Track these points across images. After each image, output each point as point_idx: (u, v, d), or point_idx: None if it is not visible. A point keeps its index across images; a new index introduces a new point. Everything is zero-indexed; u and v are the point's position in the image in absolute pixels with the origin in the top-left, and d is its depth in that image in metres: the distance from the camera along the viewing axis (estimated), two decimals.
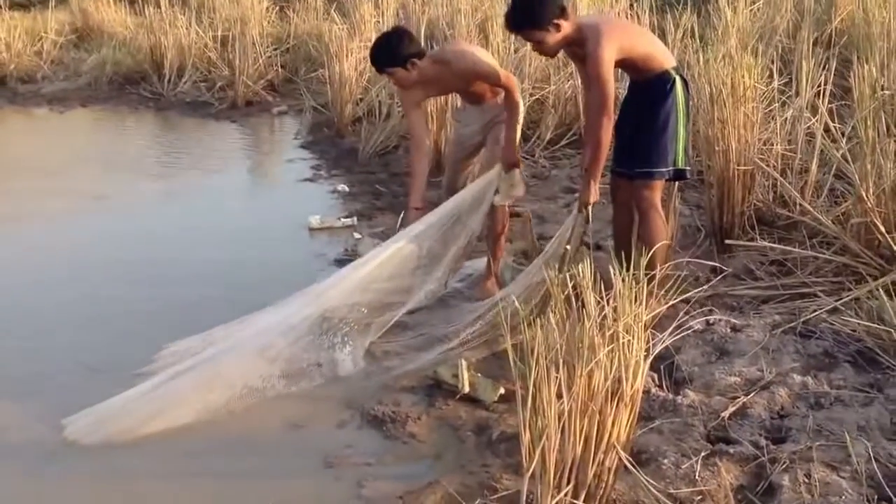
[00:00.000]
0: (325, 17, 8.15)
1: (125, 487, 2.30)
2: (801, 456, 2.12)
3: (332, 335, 2.86)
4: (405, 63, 3.16)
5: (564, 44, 2.95)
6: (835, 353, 2.66)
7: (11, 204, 4.94)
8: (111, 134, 7.23)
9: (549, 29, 2.87)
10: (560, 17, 2.86)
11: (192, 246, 4.19)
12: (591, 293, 1.91)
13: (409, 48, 3.18)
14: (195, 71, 8.20)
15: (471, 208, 3.24)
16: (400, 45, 3.18)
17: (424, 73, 3.21)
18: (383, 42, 3.26)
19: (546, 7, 2.85)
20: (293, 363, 2.75)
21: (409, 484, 2.22)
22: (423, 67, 3.19)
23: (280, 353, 2.73)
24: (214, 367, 2.66)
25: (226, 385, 2.61)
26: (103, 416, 2.51)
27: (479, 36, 6.15)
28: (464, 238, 3.24)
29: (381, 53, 3.23)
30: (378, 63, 3.27)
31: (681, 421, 2.34)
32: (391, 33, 3.34)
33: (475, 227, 3.28)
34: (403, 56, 3.16)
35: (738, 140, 3.50)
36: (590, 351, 1.83)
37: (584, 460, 1.87)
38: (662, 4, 6.76)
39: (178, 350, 2.86)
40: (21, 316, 3.38)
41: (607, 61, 2.83)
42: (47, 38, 9.31)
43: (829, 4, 6.07)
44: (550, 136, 5.43)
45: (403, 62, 3.16)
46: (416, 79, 3.22)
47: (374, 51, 3.28)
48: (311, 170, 5.65)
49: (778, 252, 3.34)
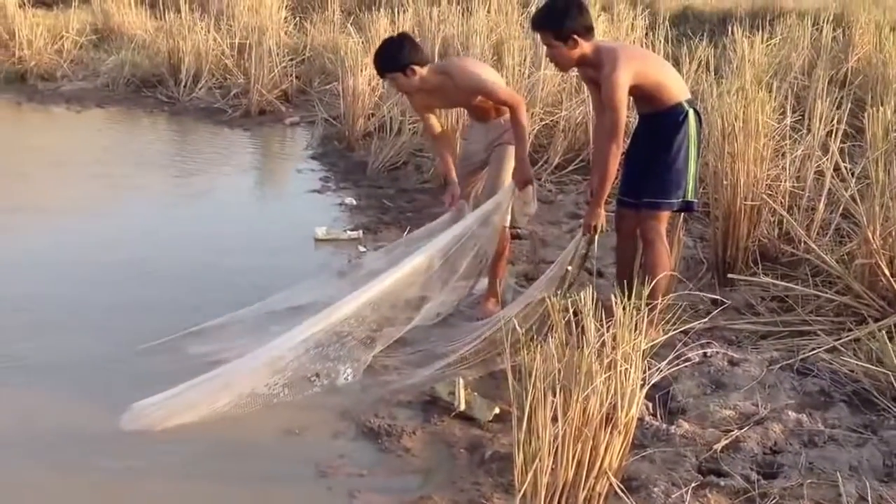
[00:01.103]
0: (342, 30, 8.25)
1: (119, 488, 2.31)
2: (792, 493, 2.13)
3: (337, 347, 2.89)
4: (405, 69, 3.22)
5: (579, 62, 2.99)
6: (831, 393, 2.66)
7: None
8: (124, 136, 7.28)
9: (567, 41, 2.91)
10: (581, 35, 2.90)
11: (199, 250, 4.22)
12: (591, 320, 1.93)
13: (410, 55, 3.23)
14: (211, 77, 8.28)
15: (480, 227, 3.27)
16: (401, 51, 3.24)
17: (427, 81, 3.26)
18: (385, 47, 3.33)
19: (570, 20, 2.90)
20: (298, 373, 2.77)
21: (401, 497, 2.24)
22: (425, 76, 3.25)
23: (288, 364, 2.75)
24: (226, 377, 2.69)
25: (233, 392, 2.64)
26: (136, 413, 2.57)
27: (493, 57, 6.21)
28: (472, 256, 3.26)
29: (383, 58, 3.30)
30: (379, 67, 3.35)
31: (673, 451, 2.35)
32: (394, 39, 3.40)
33: (486, 246, 3.29)
34: (404, 62, 3.21)
35: (747, 175, 3.53)
36: (587, 377, 1.85)
37: (575, 484, 1.89)
38: (678, 35, 6.82)
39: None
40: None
41: (622, 86, 2.86)
42: (68, 38, 9.42)
43: (846, 44, 6.12)
44: (558, 161, 5.46)
45: (403, 68, 3.22)
46: (417, 85, 3.27)
47: (376, 55, 3.37)
48: (320, 181, 5.69)
49: (780, 288, 3.35)
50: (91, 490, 2.31)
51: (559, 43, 2.93)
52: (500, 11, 8.00)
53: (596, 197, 3.02)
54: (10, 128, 7.72)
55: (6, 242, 4.29)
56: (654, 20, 7.10)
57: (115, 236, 4.40)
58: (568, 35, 2.90)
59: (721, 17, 9.64)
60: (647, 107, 3.08)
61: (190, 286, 3.72)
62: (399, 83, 3.29)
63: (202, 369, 2.70)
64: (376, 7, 8.56)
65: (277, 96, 7.90)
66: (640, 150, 3.12)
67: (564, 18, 2.90)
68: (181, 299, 3.54)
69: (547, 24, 2.96)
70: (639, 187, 3.07)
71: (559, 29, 2.91)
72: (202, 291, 3.62)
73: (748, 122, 3.52)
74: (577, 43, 2.90)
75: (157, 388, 2.62)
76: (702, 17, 9.96)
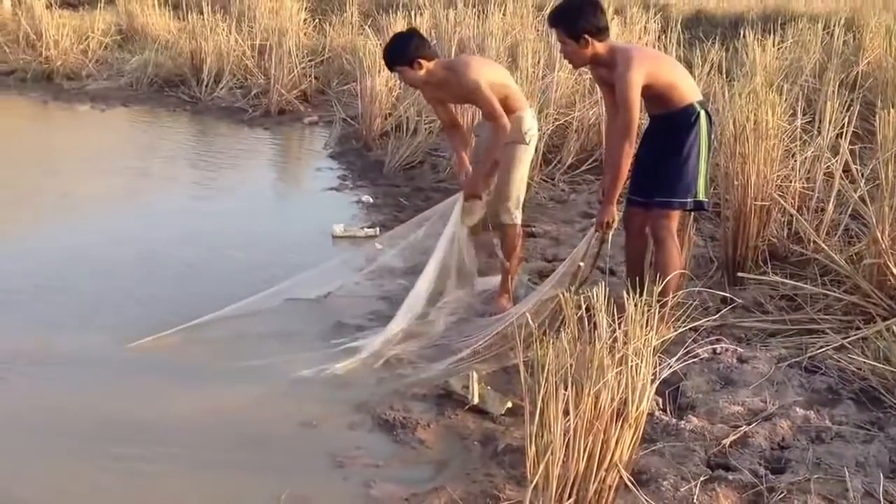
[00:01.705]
0: (360, 32, 8.32)
1: (137, 477, 2.36)
2: (799, 487, 2.16)
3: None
4: (412, 63, 3.30)
5: (591, 61, 3.05)
6: (838, 390, 2.70)
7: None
8: (148, 134, 7.40)
9: (579, 40, 2.97)
10: (593, 36, 2.95)
11: (219, 245, 4.30)
12: (603, 315, 1.96)
13: (417, 49, 3.32)
14: (232, 77, 8.39)
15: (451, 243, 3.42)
16: (408, 45, 3.33)
17: (433, 75, 3.35)
18: (394, 41, 3.43)
19: (583, 20, 2.95)
20: None
21: (415, 487, 2.29)
22: (431, 69, 3.33)
23: None
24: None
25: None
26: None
27: (508, 59, 6.26)
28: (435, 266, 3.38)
29: (391, 51, 3.40)
30: (387, 60, 3.44)
31: (682, 445, 2.38)
32: (402, 34, 3.53)
33: (442, 256, 3.40)
34: (411, 56, 3.30)
35: (757, 175, 3.55)
36: (598, 371, 1.88)
37: (586, 477, 1.91)
38: (690, 38, 6.84)
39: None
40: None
41: (635, 86, 2.91)
42: (94, 38, 9.58)
43: (856, 48, 6.11)
44: (571, 161, 5.52)
45: (410, 62, 3.30)
46: (423, 78, 3.36)
47: (385, 49, 3.48)
48: (338, 179, 5.78)
49: (789, 287, 3.38)
50: (110, 479, 2.35)
51: (572, 41, 2.98)
52: (516, 14, 8.05)
53: (608, 195, 3.07)
54: (37, 125, 7.87)
55: (40, 235, 4.42)
56: (666, 23, 7.12)
57: (137, 230, 4.50)
58: (580, 34, 2.95)
59: (733, 21, 9.62)
60: (659, 107, 3.11)
61: (210, 280, 3.82)
62: (406, 76, 3.38)
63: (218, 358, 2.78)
64: (394, 9, 8.62)
65: (297, 96, 7.99)
66: (651, 150, 3.16)
67: (578, 18, 2.96)
68: (201, 292, 3.63)
69: (561, 22, 3.02)
70: (649, 187, 3.10)
71: (572, 28, 2.97)
72: (221, 285, 3.71)
73: (759, 124, 3.54)
74: (588, 42, 2.95)
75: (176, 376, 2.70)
76: (714, 21, 9.93)
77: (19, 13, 9.92)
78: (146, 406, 2.72)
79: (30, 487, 2.30)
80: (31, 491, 2.28)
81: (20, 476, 2.35)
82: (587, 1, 2.99)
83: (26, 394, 2.80)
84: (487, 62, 3.81)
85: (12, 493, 2.26)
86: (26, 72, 9.28)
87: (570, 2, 3.03)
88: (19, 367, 2.95)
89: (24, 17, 9.64)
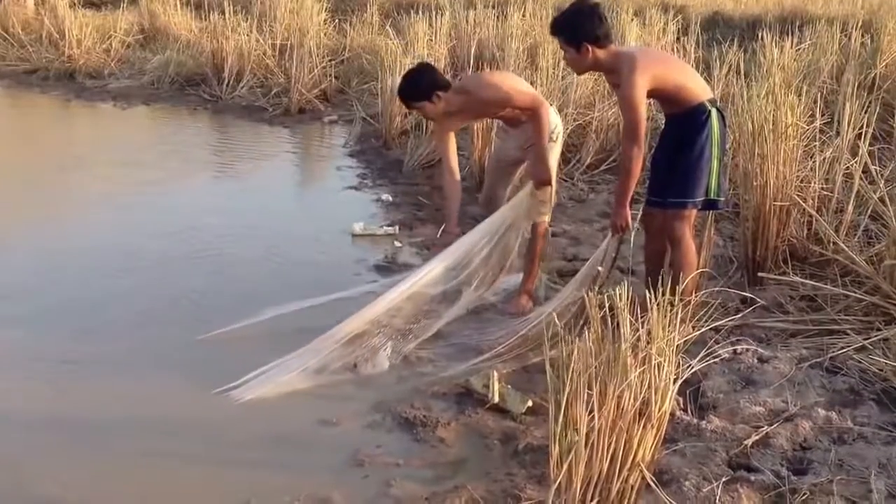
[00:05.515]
0: (380, 32, 8.36)
1: (155, 473, 2.38)
2: (822, 489, 2.16)
3: (374, 337, 3.01)
4: (430, 97, 3.31)
5: (594, 67, 3.07)
6: (860, 391, 2.69)
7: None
8: (169, 132, 7.47)
9: (579, 49, 2.99)
10: (593, 44, 2.97)
11: (240, 243, 4.35)
12: (626, 315, 1.96)
13: (433, 82, 3.33)
14: (252, 77, 8.45)
15: (504, 225, 3.36)
16: (422, 80, 3.34)
17: (451, 103, 3.36)
18: (408, 80, 3.41)
19: (582, 28, 2.97)
20: (337, 360, 2.91)
21: (436, 486, 2.30)
22: (448, 99, 3.34)
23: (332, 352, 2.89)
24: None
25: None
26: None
27: (527, 60, 6.27)
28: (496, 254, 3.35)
29: (408, 90, 3.39)
30: (406, 99, 3.43)
31: (704, 445, 2.39)
32: (415, 70, 3.49)
33: (510, 243, 3.38)
34: (428, 90, 3.31)
35: (776, 176, 3.55)
36: (622, 371, 1.89)
37: (609, 477, 1.91)
38: (708, 40, 6.82)
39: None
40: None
41: (638, 88, 2.92)
42: (116, 37, 9.70)
43: (874, 50, 6.07)
44: (590, 161, 5.54)
45: (429, 96, 3.31)
46: (443, 109, 3.36)
47: (400, 88, 3.44)
48: (357, 178, 5.81)
49: (809, 288, 3.37)
50: (129, 475, 2.36)
51: (572, 49, 3.01)
52: (535, 15, 8.06)
53: (618, 198, 3.09)
54: (61, 123, 7.98)
55: (73, 232, 4.50)
56: (685, 25, 7.10)
57: (159, 228, 4.53)
58: (580, 42, 2.97)
59: (750, 23, 9.58)
60: (671, 108, 3.14)
61: (232, 277, 3.86)
62: (426, 111, 3.38)
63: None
64: (414, 10, 8.65)
65: (317, 95, 8.03)
66: (665, 150, 3.18)
67: (578, 27, 2.98)
68: (223, 290, 3.68)
69: (561, 30, 3.04)
70: (664, 187, 3.12)
71: (572, 36, 2.99)
72: (243, 282, 3.77)
73: (778, 125, 3.53)
74: (588, 50, 2.97)
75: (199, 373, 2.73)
76: (732, 23, 9.88)
77: (42, 12, 10.07)
78: (165, 403, 2.75)
79: (47, 484, 2.31)
80: (50, 488, 2.29)
81: (41, 471, 2.37)
82: (587, 9, 3.00)
83: (37, 391, 2.83)
84: (496, 72, 3.84)
85: (34, 488, 2.29)
86: (49, 70, 9.41)
87: (570, 10, 3.05)
88: (43, 366, 2.98)
89: (48, 17, 9.77)
